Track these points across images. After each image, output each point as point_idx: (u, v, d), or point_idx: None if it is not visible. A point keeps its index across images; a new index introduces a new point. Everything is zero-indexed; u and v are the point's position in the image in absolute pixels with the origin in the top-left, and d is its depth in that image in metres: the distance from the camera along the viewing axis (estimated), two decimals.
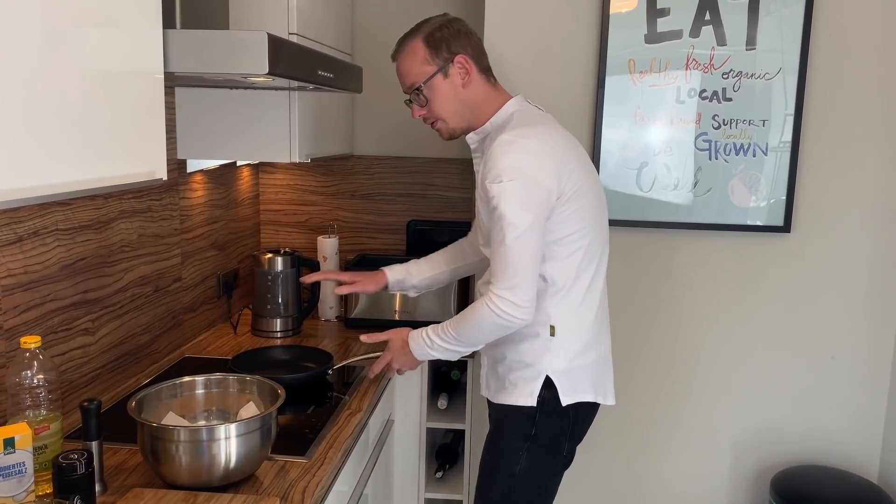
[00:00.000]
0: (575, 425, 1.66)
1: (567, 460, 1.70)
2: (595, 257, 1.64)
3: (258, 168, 2.73)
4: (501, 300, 1.50)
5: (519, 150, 1.51)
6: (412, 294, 2.02)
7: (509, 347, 1.64)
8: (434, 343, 1.64)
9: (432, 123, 1.69)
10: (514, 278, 1.50)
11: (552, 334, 1.60)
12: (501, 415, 1.67)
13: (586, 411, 1.68)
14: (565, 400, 1.60)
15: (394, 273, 1.96)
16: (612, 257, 2.26)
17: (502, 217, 1.48)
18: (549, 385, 1.60)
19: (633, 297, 2.30)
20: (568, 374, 1.61)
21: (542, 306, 1.59)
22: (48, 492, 1.26)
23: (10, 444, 1.16)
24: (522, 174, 1.48)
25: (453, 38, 1.61)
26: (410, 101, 1.68)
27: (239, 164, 2.52)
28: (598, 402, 1.67)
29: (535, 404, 1.60)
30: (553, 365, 1.60)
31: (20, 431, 1.18)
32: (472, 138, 1.68)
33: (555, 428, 1.63)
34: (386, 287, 1.96)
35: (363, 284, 1.95)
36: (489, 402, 1.73)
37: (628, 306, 2.31)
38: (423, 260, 1.98)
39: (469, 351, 1.64)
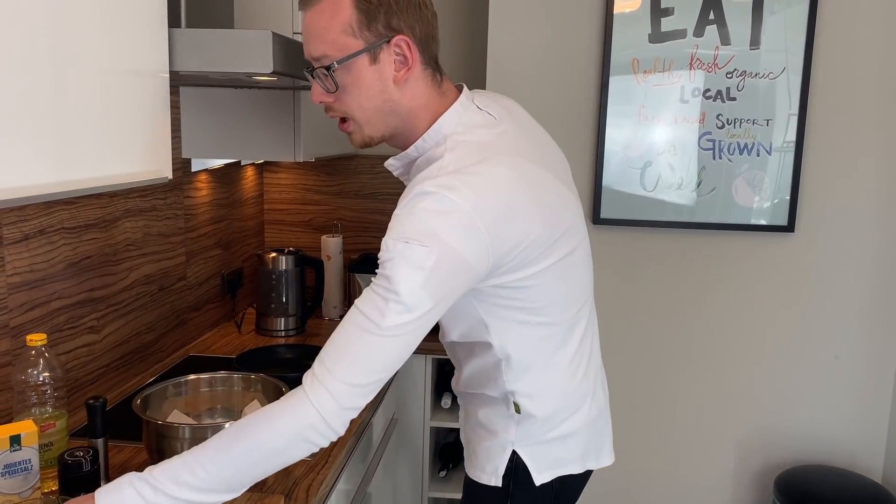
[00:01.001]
0: (560, 494, 1.30)
1: None
2: (567, 313, 1.22)
3: (262, 167, 2.73)
4: (341, 398, 1.01)
5: (443, 208, 1.02)
6: None
7: (473, 405, 1.30)
8: (167, 490, 0.99)
9: (341, 121, 1.19)
10: (369, 377, 1.02)
11: (517, 411, 1.23)
12: (470, 485, 1.33)
13: (574, 481, 1.31)
14: (539, 478, 1.24)
15: None
16: (616, 257, 2.28)
17: (392, 290, 1.01)
18: (517, 459, 1.24)
19: (636, 296, 2.30)
20: (542, 449, 1.25)
21: (498, 383, 1.23)
22: (54, 489, 1.27)
23: (16, 441, 1.17)
24: (442, 243, 1.02)
25: (399, 6, 1.09)
26: (312, 74, 1.15)
27: (243, 163, 2.53)
28: (589, 469, 1.31)
29: (499, 485, 1.25)
30: (521, 439, 1.24)
31: (26, 429, 1.18)
32: (392, 165, 1.26)
33: (534, 498, 1.27)
34: None
35: None
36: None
37: (631, 306, 2.31)
38: None
39: (220, 498, 1.02)
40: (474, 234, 1.04)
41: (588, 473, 1.33)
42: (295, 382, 1.60)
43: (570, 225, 1.20)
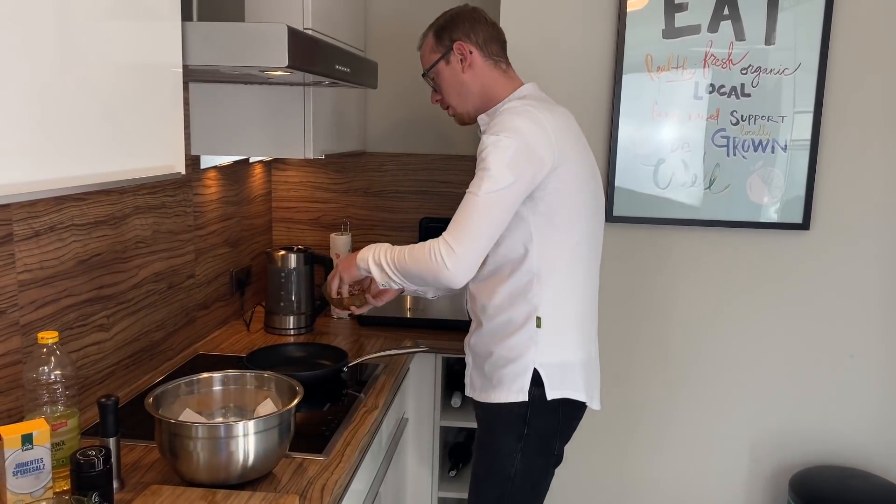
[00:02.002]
0: (564, 424, 1.64)
1: (558, 459, 1.68)
2: (584, 253, 1.62)
3: (270, 165, 2.71)
4: (446, 246, 1.46)
5: (525, 115, 1.52)
6: (430, 296, 1.82)
7: (495, 342, 1.62)
8: (380, 255, 1.58)
9: (447, 108, 1.74)
10: (469, 234, 1.46)
11: (538, 325, 1.57)
12: (491, 415, 1.64)
13: (574, 410, 1.65)
14: (551, 394, 1.57)
15: None
16: (629, 255, 2.25)
17: (486, 168, 1.47)
18: (536, 380, 1.57)
19: (649, 294, 2.28)
20: (555, 368, 1.59)
21: (528, 297, 1.57)
22: (65, 488, 1.25)
23: (28, 440, 1.15)
24: (521, 136, 1.48)
25: (456, 26, 1.65)
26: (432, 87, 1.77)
27: (251, 160, 2.51)
28: (586, 402, 1.64)
29: (526, 399, 1.57)
30: (539, 357, 1.57)
31: (38, 428, 1.16)
32: (483, 119, 1.67)
33: (545, 426, 1.61)
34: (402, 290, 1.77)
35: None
36: (475, 402, 1.69)
37: (645, 304, 2.28)
38: None
39: (396, 282, 1.57)
40: (545, 135, 1.51)
41: (583, 410, 1.67)
42: (307, 381, 1.59)
43: (583, 171, 1.61)
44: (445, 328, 2.35)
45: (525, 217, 1.54)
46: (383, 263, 1.57)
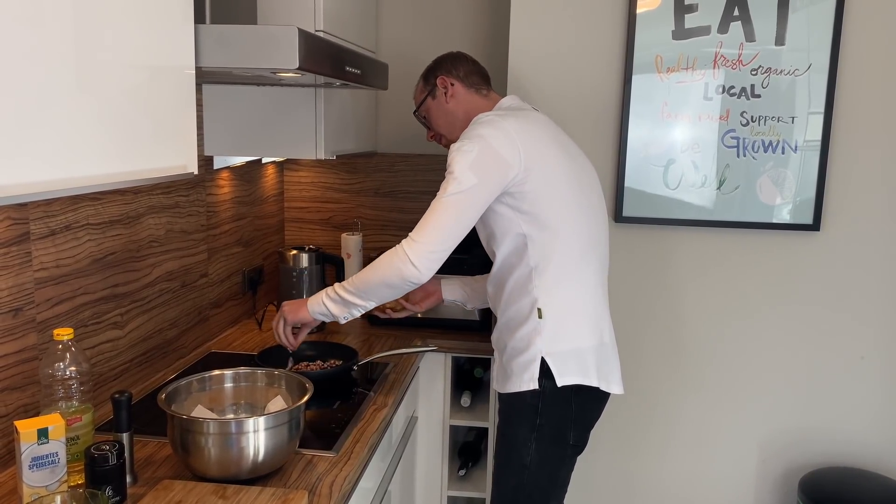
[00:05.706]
0: (579, 413, 1.67)
1: (576, 448, 1.72)
2: (582, 244, 1.67)
3: (282, 165, 2.74)
4: (408, 241, 1.54)
5: (488, 123, 1.62)
6: (469, 307, 2.07)
7: (508, 335, 1.69)
8: (332, 290, 1.66)
9: (440, 142, 1.88)
10: (431, 229, 1.54)
11: (539, 317, 1.63)
12: (508, 406, 1.70)
13: (591, 399, 1.69)
14: (561, 381, 1.61)
15: (450, 293, 2.03)
16: (639, 255, 2.26)
17: (451, 172, 1.56)
18: (546, 370, 1.62)
19: (659, 295, 2.28)
20: (562, 356, 1.63)
21: (528, 289, 1.64)
22: (80, 482, 1.28)
23: (44, 434, 1.17)
24: (483, 141, 1.57)
25: (438, 66, 1.82)
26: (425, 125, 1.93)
27: (264, 161, 2.54)
28: (602, 388, 1.67)
29: (537, 387, 1.62)
30: (545, 347, 1.62)
31: (54, 422, 1.19)
32: None
33: (558, 416, 1.65)
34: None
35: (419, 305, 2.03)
36: (498, 394, 1.75)
37: (654, 304, 2.29)
38: (477, 278, 2.02)
39: (358, 305, 1.63)
40: (508, 139, 1.59)
41: (604, 396, 1.71)
42: (317, 379, 1.61)
43: (585, 177, 1.72)
44: (455, 328, 2.37)
45: (512, 218, 1.62)
46: (340, 293, 1.64)
